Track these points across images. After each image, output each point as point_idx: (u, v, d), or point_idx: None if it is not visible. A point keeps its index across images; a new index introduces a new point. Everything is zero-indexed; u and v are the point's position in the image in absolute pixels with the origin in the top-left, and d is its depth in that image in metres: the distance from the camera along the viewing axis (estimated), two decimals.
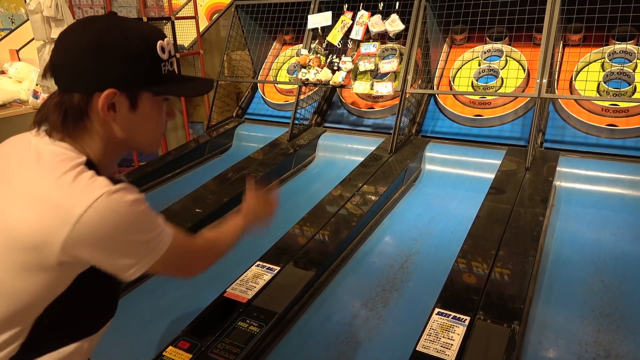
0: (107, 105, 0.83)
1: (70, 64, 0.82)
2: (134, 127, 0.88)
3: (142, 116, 0.88)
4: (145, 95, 0.87)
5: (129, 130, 0.88)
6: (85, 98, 0.83)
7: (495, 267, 1.73)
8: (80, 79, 0.82)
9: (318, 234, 2.05)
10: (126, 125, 0.87)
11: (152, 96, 0.88)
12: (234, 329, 1.54)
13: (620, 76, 2.69)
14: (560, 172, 2.46)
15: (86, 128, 0.85)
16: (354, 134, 3.21)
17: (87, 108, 0.84)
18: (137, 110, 0.87)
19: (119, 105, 0.84)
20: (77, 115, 0.84)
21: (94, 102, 0.83)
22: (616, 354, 1.45)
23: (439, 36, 3.13)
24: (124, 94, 0.84)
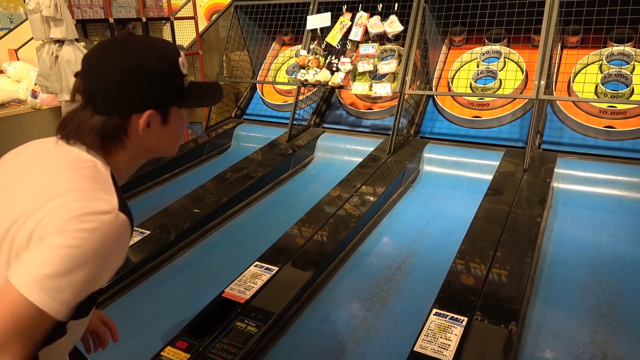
0: (145, 125, 0.88)
1: (111, 90, 0.86)
2: (163, 138, 0.94)
3: (171, 128, 0.94)
4: (174, 109, 0.93)
5: (158, 142, 0.93)
6: (125, 120, 0.88)
7: (493, 268, 1.73)
8: (120, 104, 0.87)
9: (316, 234, 2.06)
10: (157, 138, 0.92)
11: (178, 109, 0.94)
12: (232, 329, 1.54)
13: (617, 78, 2.70)
14: (558, 174, 2.47)
15: (122, 145, 0.90)
16: (352, 135, 3.21)
17: (126, 129, 0.88)
18: (168, 124, 0.92)
19: (153, 122, 0.90)
20: (116, 137, 0.89)
21: (132, 123, 0.88)
22: (613, 355, 1.46)
23: (437, 37, 3.14)
24: (158, 111, 0.90)
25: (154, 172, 2.96)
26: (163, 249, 2.10)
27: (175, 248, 2.16)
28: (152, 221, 2.26)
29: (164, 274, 2.05)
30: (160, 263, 2.08)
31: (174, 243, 2.15)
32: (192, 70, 4.78)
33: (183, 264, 2.12)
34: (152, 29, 4.19)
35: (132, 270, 1.96)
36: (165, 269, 2.07)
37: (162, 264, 2.09)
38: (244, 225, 2.44)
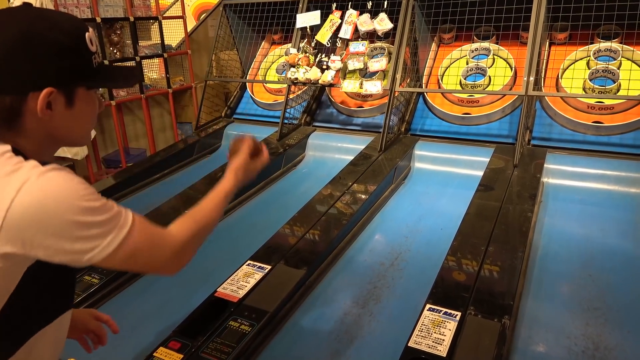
0: (45, 105, 0.79)
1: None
2: (70, 123, 0.85)
3: (79, 112, 0.85)
4: (80, 90, 0.84)
5: (64, 127, 0.84)
6: (19, 99, 0.77)
7: (485, 263, 1.74)
8: (11, 80, 0.76)
9: (309, 232, 2.05)
10: (62, 122, 0.83)
11: (86, 90, 0.86)
12: (225, 328, 1.53)
13: (605, 74, 2.72)
14: (547, 169, 2.49)
15: (20, 129, 0.80)
16: (343, 133, 3.21)
17: (21, 109, 0.78)
18: (74, 107, 0.84)
19: (55, 103, 0.80)
20: (10, 118, 0.78)
21: (29, 103, 0.78)
22: (605, 347, 1.47)
23: (427, 35, 3.15)
24: (60, 91, 0.80)
25: (142, 173, 2.93)
26: None
27: None
28: None
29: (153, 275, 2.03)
30: None
31: None
32: (182, 70, 4.76)
33: None
34: (139, 28, 4.16)
35: (122, 271, 1.94)
36: None
37: None
38: (236, 225, 2.42)
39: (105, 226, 0.78)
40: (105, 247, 0.78)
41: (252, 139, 1.24)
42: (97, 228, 0.77)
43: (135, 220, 0.84)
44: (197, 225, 1.00)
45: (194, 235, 0.98)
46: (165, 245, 0.90)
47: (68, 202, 0.74)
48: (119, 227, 0.80)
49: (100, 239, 0.77)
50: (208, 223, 1.04)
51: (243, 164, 1.19)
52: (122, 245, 0.80)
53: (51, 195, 0.72)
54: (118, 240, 0.79)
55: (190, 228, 0.98)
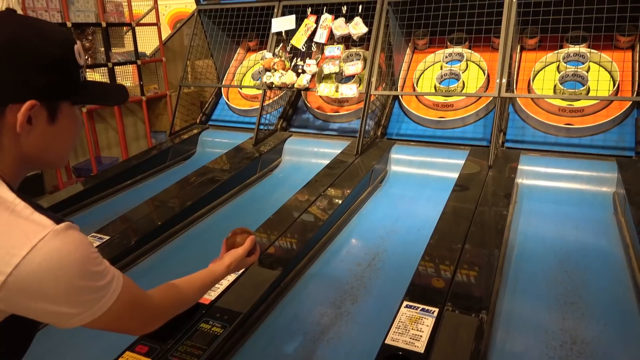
0: (25, 119, 0.72)
1: None
2: (49, 141, 0.77)
3: (61, 128, 0.78)
4: (64, 105, 0.78)
5: (42, 146, 0.77)
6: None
7: (462, 260, 1.73)
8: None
9: (284, 234, 2.01)
10: (41, 139, 0.76)
11: (70, 106, 0.79)
12: (196, 330, 1.47)
13: (574, 78, 2.79)
14: (521, 170, 2.51)
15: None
16: (320, 138, 3.19)
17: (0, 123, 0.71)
18: (56, 123, 0.77)
19: (37, 117, 0.73)
20: None
21: (7, 116, 0.71)
22: (582, 340, 1.46)
23: (401, 39, 3.18)
24: (43, 104, 0.73)
25: (112, 179, 2.84)
26: (123, 254, 2.01)
27: (137, 253, 2.07)
28: (111, 226, 2.16)
29: None
30: (120, 269, 1.98)
31: (134, 248, 2.06)
32: (156, 78, 4.69)
33: (145, 269, 2.03)
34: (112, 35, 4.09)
35: None
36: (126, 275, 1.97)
37: (122, 269, 1.99)
38: (210, 229, 2.36)
39: (100, 292, 0.75)
40: (95, 312, 0.74)
41: (254, 238, 1.25)
42: (93, 294, 0.74)
43: (124, 286, 0.80)
44: (180, 297, 0.98)
45: (174, 307, 0.96)
46: (145, 312, 0.88)
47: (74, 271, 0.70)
48: (110, 293, 0.76)
49: (92, 304, 0.74)
50: (189, 298, 1.01)
51: (239, 258, 1.19)
52: (108, 311, 0.76)
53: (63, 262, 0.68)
54: (107, 307, 0.76)
55: (173, 299, 0.96)
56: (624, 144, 2.56)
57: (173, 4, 6.41)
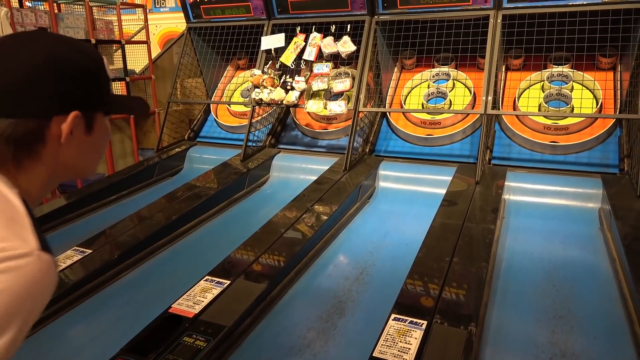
0: (70, 130, 0.75)
1: (22, 86, 0.71)
2: (85, 151, 0.80)
3: (96, 138, 0.81)
4: (99, 116, 0.81)
5: (79, 156, 0.80)
6: (42, 124, 0.73)
7: (450, 274, 1.71)
8: (36, 103, 0.72)
9: (271, 247, 1.98)
10: (78, 149, 0.78)
11: (103, 116, 0.83)
12: (179, 344, 1.42)
13: (559, 97, 2.84)
14: (508, 187, 2.53)
15: (39, 159, 0.74)
16: (308, 155, 3.19)
17: (44, 136, 0.73)
18: (92, 133, 0.80)
19: (77, 128, 0.76)
20: (31, 146, 0.73)
21: (52, 128, 0.73)
22: (572, 353, 1.45)
23: (389, 58, 3.22)
24: (83, 115, 0.77)
25: (97, 193, 2.79)
26: (106, 268, 1.96)
27: (120, 267, 2.02)
28: (94, 239, 2.11)
29: (107, 293, 1.90)
30: (102, 283, 1.93)
31: (118, 261, 2.01)
32: (145, 95, 4.69)
33: (128, 283, 1.98)
34: (102, 52, 4.09)
35: (69, 290, 1.80)
36: (109, 289, 1.93)
37: (105, 283, 1.94)
38: (196, 244, 2.32)
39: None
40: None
41: None
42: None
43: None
44: None
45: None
46: None
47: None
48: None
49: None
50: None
51: None
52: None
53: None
54: None
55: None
56: (608, 161, 2.59)
57: (164, 23, 6.46)
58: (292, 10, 3.24)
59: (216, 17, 3.55)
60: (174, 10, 6.27)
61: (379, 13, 3.03)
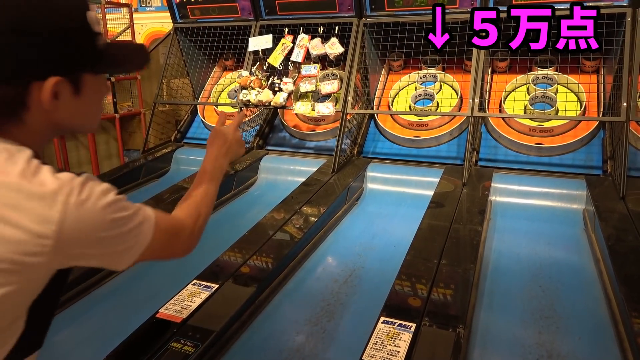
0: (51, 96, 0.73)
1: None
2: (77, 112, 0.79)
3: (86, 99, 0.79)
4: (87, 76, 0.78)
5: (71, 117, 0.79)
6: (21, 90, 0.71)
7: (438, 276, 1.72)
8: (11, 69, 0.70)
9: (259, 250, 1.97)
10: (69, 111, 0.77)
11: (93, 76, 0.80)
12: (166, 350, 1.41)
13: (544, 99, 2.88)
14: (495, 188, 2.55)
15: (22, 122, 0.73)
16: (296, 156, 3.18)
17: (25, 101, 0.72)
18: (81, 94, 0.78)
19: (62, 92, 0.74)
20: (11, 112, 0.72)
21: (33, 94, 0.72)
22: (558, 354, 1.47)
23: (376, 60, 3.23)
24: (66, 79, 0.74)
25: None
26: (89, 274, 1.93)
27: (106, 271, 1.99)
28: None
29: (92, 298, 1.87)
30: (87, 287, 1.91)
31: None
32: (130, 95, 4.63)
33: (113, 288, 1.95)
34: None
35: None
36: (95, 294, 1.90)
37: (90, 288, 1.91)
38: None
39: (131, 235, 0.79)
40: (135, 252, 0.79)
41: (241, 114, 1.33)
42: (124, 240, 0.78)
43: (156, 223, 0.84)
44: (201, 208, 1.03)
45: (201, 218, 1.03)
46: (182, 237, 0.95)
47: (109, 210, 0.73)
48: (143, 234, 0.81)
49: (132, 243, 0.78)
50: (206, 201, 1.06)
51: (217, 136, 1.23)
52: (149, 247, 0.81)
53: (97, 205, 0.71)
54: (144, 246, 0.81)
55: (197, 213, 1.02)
56: (592, 163, 2.63)
57: (149, 23, 6.39)
58: (279, 12, 3.23)
59: (203, 18, 3.52)
60: (160, 10, 6.21)
61: (367, 15, 3.04)
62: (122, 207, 0.76)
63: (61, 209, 0.67)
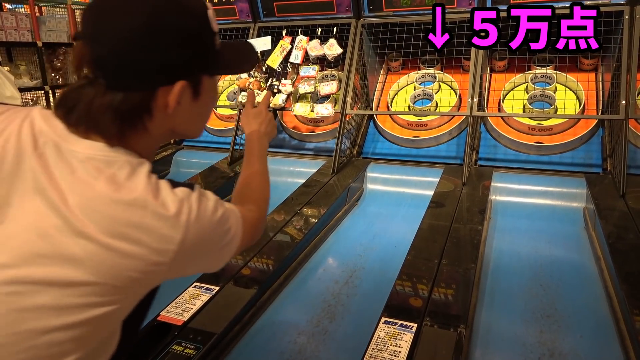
0: (177, 101, 0.71)
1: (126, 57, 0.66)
2: (193, 116, 0.77)
3: (203, 102, 0.77)
4: (205, 79, 0.76)
5: (187, 121, 0.76)
6: (149, 96, 0.69)
7: (439, 276, 1.72)
8: (139, 75, 0.68)
9: (260, 253, 1.97)
10: (186, 116, 0.75)
11: (209, 78, 0.78)
12: (168, 353, 1.41)
13: (542, 98, 2.88)
14: (494, 187, 2.55)
15: (145, 130, 0.72)
16: (295, 158, 3.18)
17: (150, 108, 0.70)
18: (199, 98, 0.76)
19: (184, 96, 0.72)
20: (137, 117, 0.70)
21: (159, 99, 0.70)
22: (560, 352, 1.47)
23: (375, 61, 3.24)
24: (189, 82, 0.72)
25: None
26: None
27: None
28: None
29: None
30: None
31: None
32: None
33: None
34: None
35: None
36: None
37: None
38: None
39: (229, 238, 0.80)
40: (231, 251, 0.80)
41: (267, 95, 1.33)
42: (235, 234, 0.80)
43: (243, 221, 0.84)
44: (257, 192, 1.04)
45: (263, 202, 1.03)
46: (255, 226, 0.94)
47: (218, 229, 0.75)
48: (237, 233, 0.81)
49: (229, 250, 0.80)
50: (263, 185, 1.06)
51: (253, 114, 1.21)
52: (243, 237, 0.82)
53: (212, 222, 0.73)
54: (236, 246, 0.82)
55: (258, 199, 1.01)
56: (591, 161, 2.63)
57: None
58: (278, 13, 3.24)
59: None
60: None
61: (365, 16, 3.04)
62: (227, 217, 0.76)
63: (183, 230, 0.67)
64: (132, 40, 0.66)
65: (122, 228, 0.64)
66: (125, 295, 0.67)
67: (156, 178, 0.71)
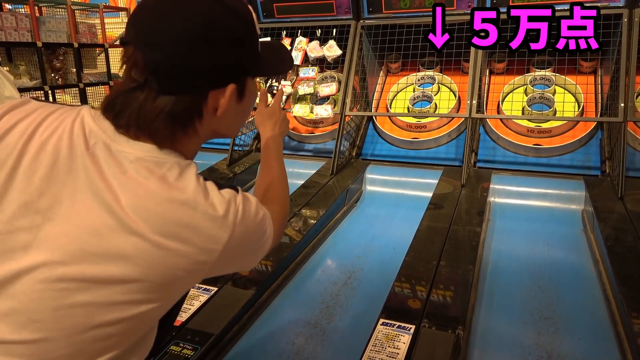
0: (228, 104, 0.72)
1: (181, 61, 0.67)
2: (236, 117, 0.79)
3: (246, 104, 0.78)
4: (249, 80, 0.77)
5: (230, 123, 0.78)
6: (200, 99, 0.70)
7: (438, 277, 1.72)
8: (192, 78, 0.68)
9: None
10: (230, 117, 0.76)
11: (251, 80, 0.79)
12: (166, 353, 1.41)
13: (541, 100, 2.88)
14: (493, 189, 2.56)
15: (195, 132, 0.73)
16: (295, 159, 3.19)
17: (201, 111, 0.71)
18: (243, 100, 0.77)
19: (231, 99, 0.73)
20: (189, 120, 0.71)
21: (209, 102, 0.71)
22: (558, 354, 1.47)
23: (374, 62, 3.24)
24: (237, 85, 0.73)
25: None
26: None
27: None
28: None
29: None
30: None
31: None
32: None
33: None
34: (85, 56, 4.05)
35: None
36: None
37: None
38: None
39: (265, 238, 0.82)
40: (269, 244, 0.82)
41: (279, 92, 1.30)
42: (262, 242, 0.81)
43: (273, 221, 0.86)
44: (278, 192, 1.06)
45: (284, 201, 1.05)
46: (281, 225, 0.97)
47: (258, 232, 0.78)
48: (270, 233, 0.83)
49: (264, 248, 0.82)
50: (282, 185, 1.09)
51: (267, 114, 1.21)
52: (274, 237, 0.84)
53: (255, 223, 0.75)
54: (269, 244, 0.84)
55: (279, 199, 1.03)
56: (590, 164, 2.64)
57: None
58: (277, 15, 3.24)
59: None
60: None
61: (364, 17, 3.05)
62: (265, 219, 0.78)
63: (230, 231, 0.69)
64: (187, 45, 0.67)
65: (172, 227, 0.65)
66: (167, 293, 0.69)
67: (203, 179, 0.72)
